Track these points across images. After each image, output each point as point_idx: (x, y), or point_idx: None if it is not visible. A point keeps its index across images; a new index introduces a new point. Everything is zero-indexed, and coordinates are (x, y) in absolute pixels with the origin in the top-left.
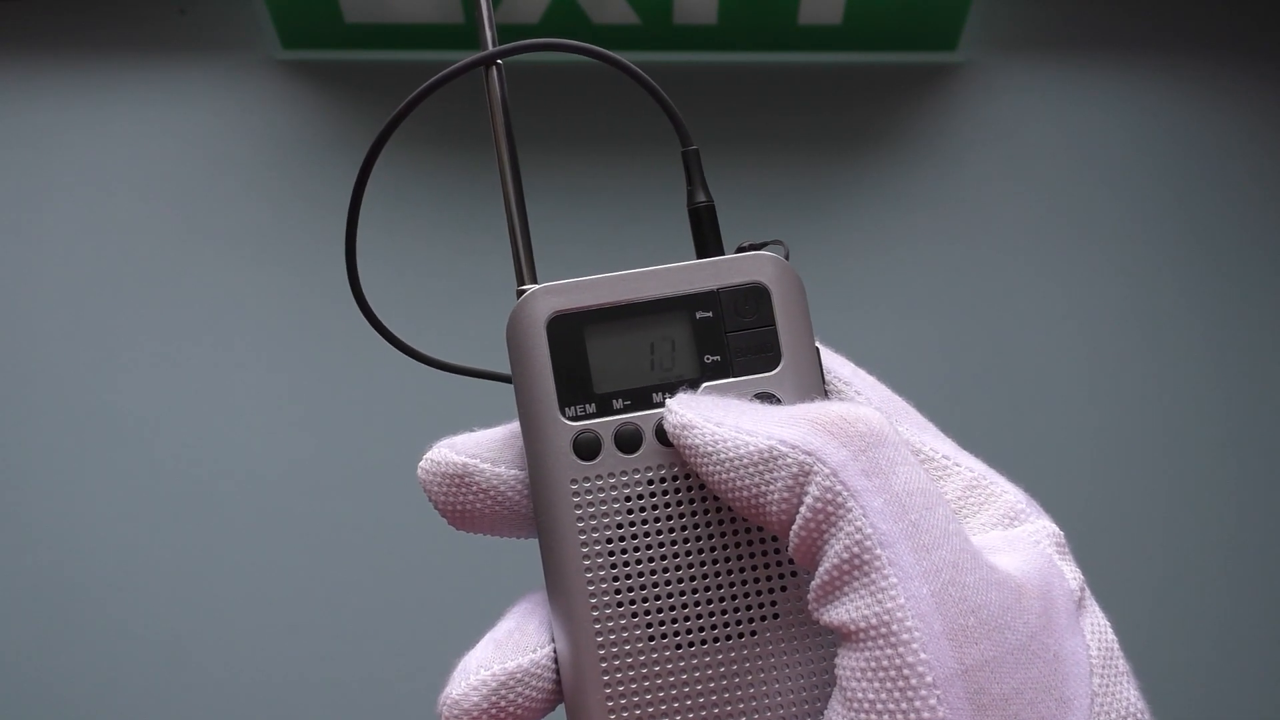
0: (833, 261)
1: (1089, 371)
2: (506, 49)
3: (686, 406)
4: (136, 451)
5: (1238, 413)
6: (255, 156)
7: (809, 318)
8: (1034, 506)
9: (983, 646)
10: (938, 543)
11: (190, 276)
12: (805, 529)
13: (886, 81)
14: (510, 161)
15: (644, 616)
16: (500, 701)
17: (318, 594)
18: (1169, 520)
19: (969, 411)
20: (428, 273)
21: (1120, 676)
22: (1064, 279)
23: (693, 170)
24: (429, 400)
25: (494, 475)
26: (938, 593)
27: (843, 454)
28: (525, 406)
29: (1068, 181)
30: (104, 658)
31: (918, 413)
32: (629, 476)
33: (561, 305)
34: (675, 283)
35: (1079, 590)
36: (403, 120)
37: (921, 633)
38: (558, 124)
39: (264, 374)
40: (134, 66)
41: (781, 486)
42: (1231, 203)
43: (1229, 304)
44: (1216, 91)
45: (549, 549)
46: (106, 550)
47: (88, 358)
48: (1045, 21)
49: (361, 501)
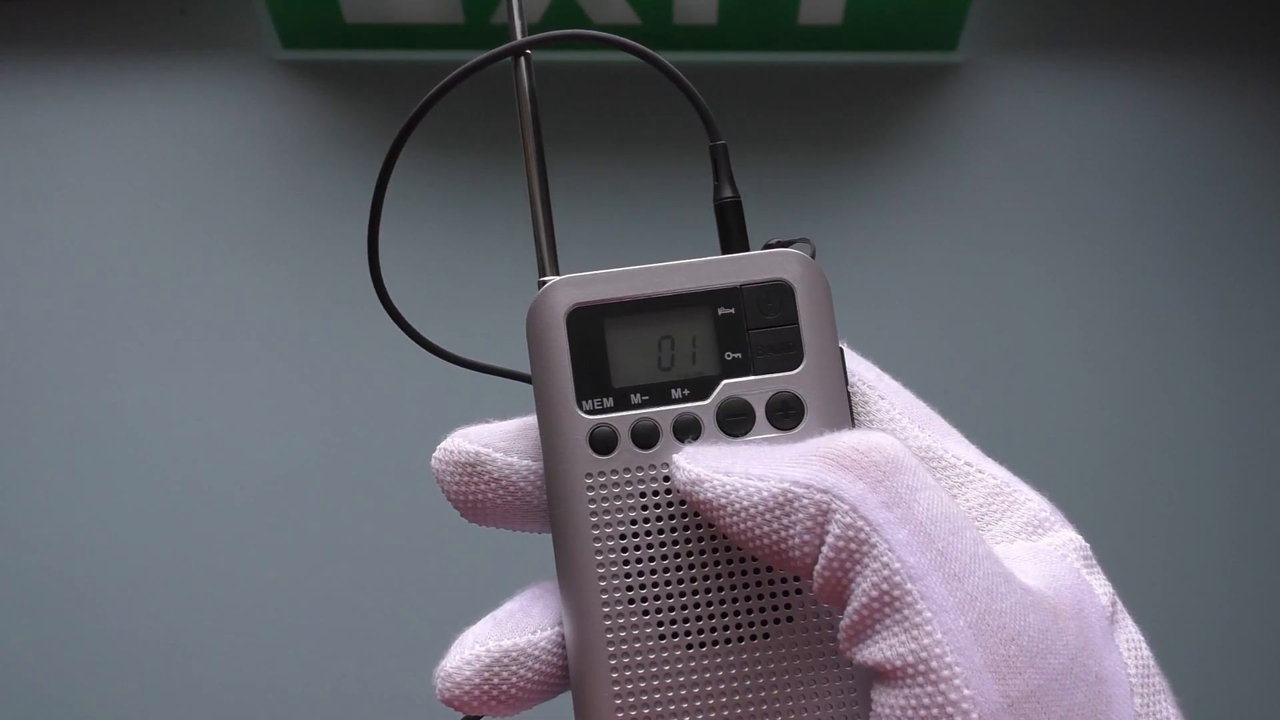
0: (832, 261)
1: (1089, 371)
2: (536, 39)
3: (693, 461)
4: (137, 452)
5: (1239, 412)
6: (255, 156)
7: (833, 318)
8: (1058, 516)
9: (1026, 676)
10: (969, 569)
11: (190, 276)
12: (829, 569)
13: (886, 81)
14: (537, 153)
15: (655, 615)
16: (493, 679)
17: (323, 594)
18: (1169, 519)
19: (969, 411)
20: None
21: (1159, 694)
22: (1064, 279)
23: (720, 165)
24: (431, 399)
25: (506, 465)
26: (975, 623)
27: (860, 487)
28: (542, 398)
29: (1068, 181)
30: (104, 658)
31: (941, 419)
32: (645, 473)
33: (582, 297)
34: (698, 278)
35: (1110, 605)
36: (430, 108)
37: (963, 668)
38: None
39: (264, 374)
40: (134, 66)
41: (801, 530)
42: (1232, 202)
43: (1230, 303)
44: (1216, 91)
45: (562, 543)
46: (106, 549)
47: (88, 357)
48: (1045, 21)
49: (364, 501)
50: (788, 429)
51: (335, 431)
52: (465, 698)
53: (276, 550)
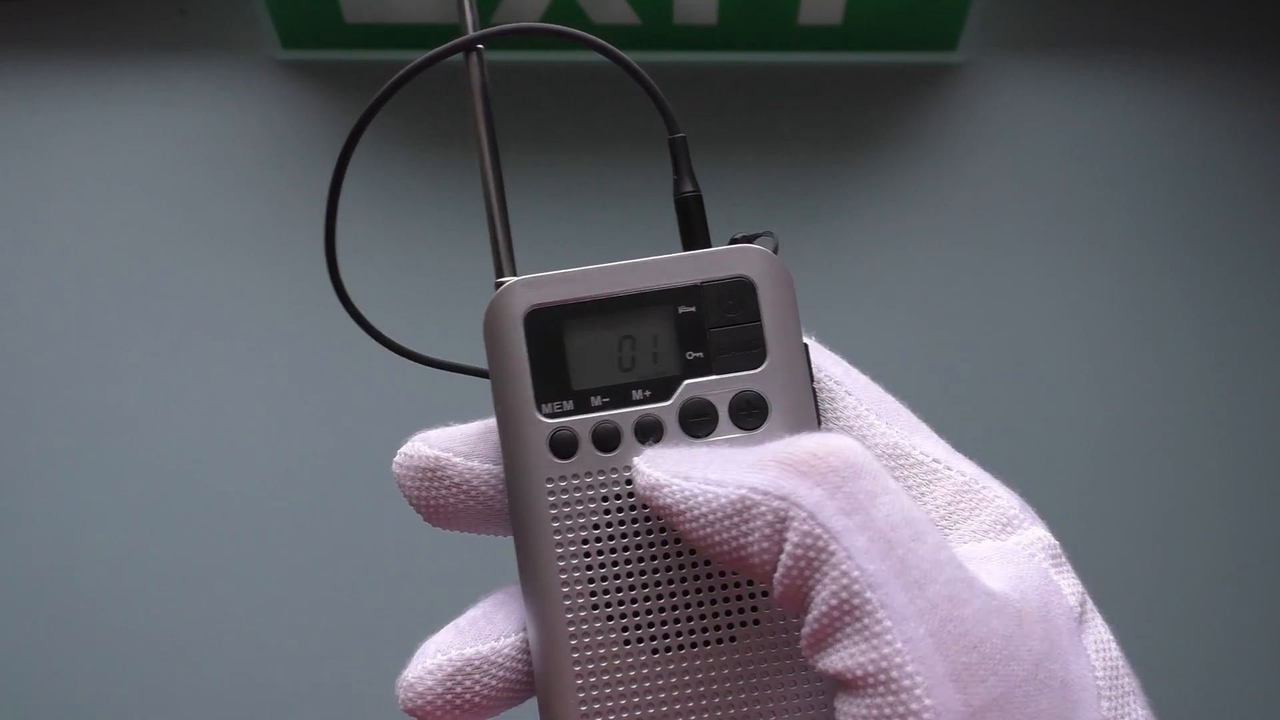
0: (832, 261)
1: (1090, 371)
2: (488, 33)
3: (652, 464)
4: (136, 452)
5: (1240, 412)
6: (255, 156)
7: (797, 314)
8: (1028, 512)
9: (989, 685)
10: (929, 576)
11: (190, 276)
12: (789, 577)
13: (886, 81)
14: (490, 150)
15: (620, 620)
16: (456, 687)
17: (319, 594)
18: (1170, 520)
19: (969, 411)
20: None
21: (1128, 696)
22: (1064, 279)
23: (680, 159)
24: (432, 399)
25: (467, 470)
26: (935, 631)
27: (817, 494)
28: (501, 402)
29: (1068, 181)
30: (103, 658)
31: (910, 413)
32: (606, 476)
33: (540, 299)
34: (657, 276)
35: (1079, 605)
36: (381, 107)
37: (924, 677)
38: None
39: (264, 373)
40: (134, 66)
41: (760, 537)
42: (1232, 202)
43: (1230, 303)
44: (1217, 91)
45: (523, 549)
46: (104, 549)
47: (87, 357)
48: (1045, 21)
49: (366, 500)
50: (751, 429)
51: (335, 431)
52: (428, 708)
53: (277, 548)
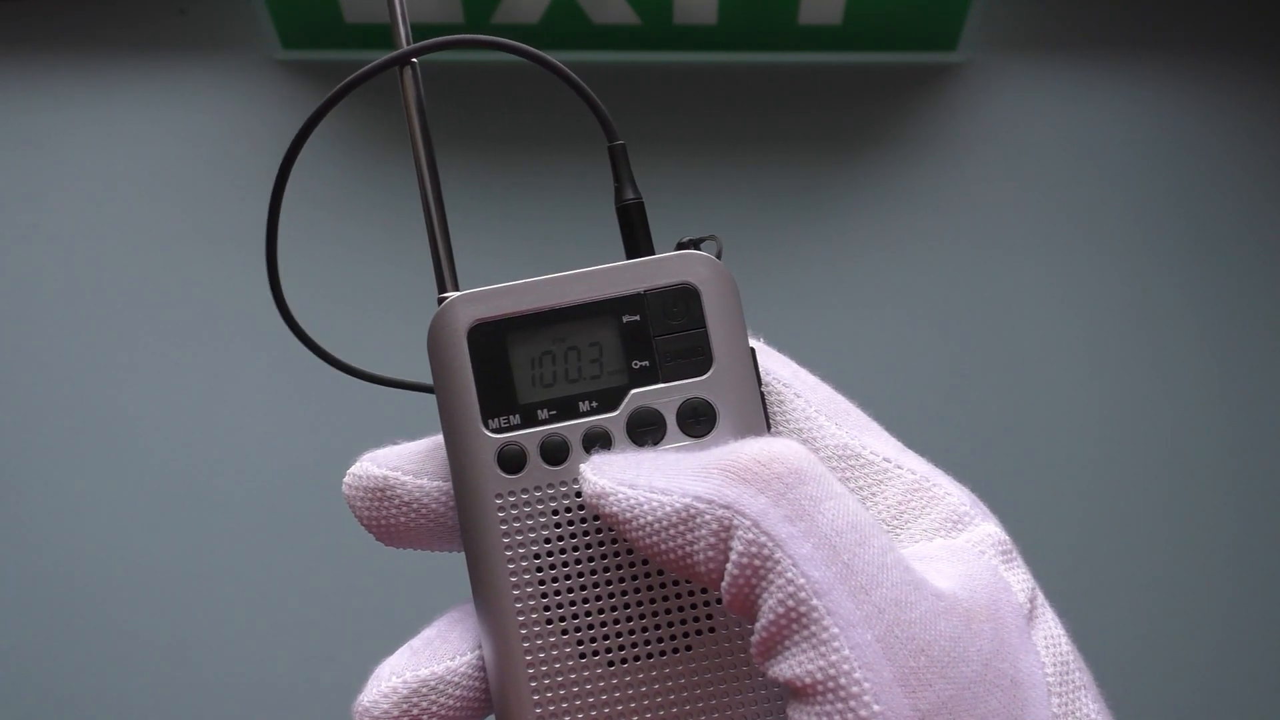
0: (832, 261)
1: (1089, 370)
2: (419, 47)
3: (599, 472)
4: (137, 451)
5: (1239, 411)
6: (255, 156)
7: (743, 317)
8: (979, 508)
9: (937, 688)
10: (876, 581)
11: (190, 276)
12: (735, 586)
13: (886, 81)
14: (428, 164)
15: (574, 634)
16: (412, 710)
17: (318, 595)
18: (1170, 519)
19: (968, 411)
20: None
21: (1078, 691)
22: (1064, 278)
23: (620, 166)
24: (433, 398)
25: (416, 488)
26: (883, 637)
27: (761, 501)
28: (447, 419)
29: (1068, 181)
30: (103, 658)
31: (860, 412)
32: (555, 490)
33: (482, 313)
34: (600, 286)
35: (1028, 601)
36: (318, 123)
37: (872, 683)
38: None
39: (264, 373)
40: (134, 66)
41: (705, 546)
42: (1232, 202)
43: (1229, 302)
44: (1217, 91)
45: (475, 566)
46: (104, 547)
47: (88, 357)
48: (1045, 21)
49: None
50: (700, 436)
51: (335, 430)
52: None
53: (276, 549)
